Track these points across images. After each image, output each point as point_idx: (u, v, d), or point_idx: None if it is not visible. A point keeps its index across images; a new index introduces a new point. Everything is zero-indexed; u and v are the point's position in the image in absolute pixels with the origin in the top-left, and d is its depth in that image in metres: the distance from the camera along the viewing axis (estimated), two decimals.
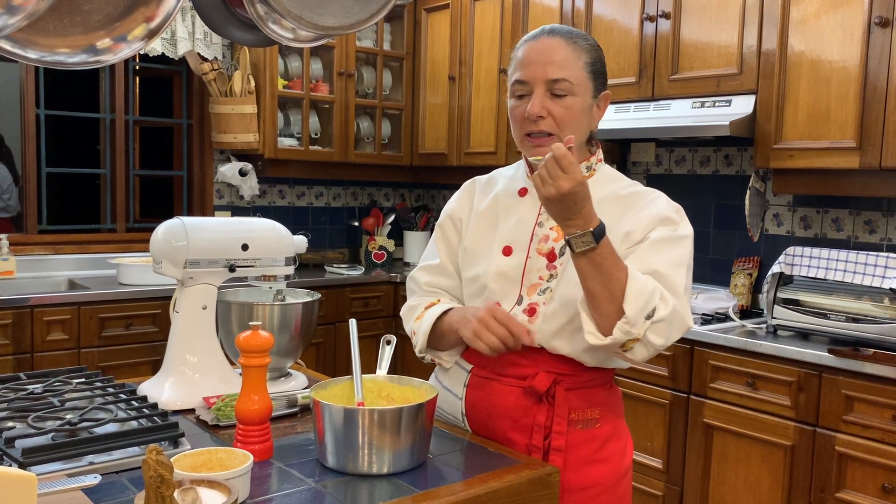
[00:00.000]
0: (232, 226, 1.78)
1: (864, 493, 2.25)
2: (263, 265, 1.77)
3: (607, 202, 1.46)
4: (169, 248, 1.65)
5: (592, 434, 1.46)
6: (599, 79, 1.48)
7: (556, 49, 1.43)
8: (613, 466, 1.47)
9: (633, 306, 1.29)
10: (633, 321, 1.29)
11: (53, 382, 1.61)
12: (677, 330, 1.35)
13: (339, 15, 1.35)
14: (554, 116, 1.42)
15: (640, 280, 1.31)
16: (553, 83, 1.42)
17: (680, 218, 1.45)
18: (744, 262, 3.11)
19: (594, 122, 1.50)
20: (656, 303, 1.31)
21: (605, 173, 1.54)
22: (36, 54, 1.17)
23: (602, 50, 1.52)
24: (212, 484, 1.05)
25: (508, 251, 1.50)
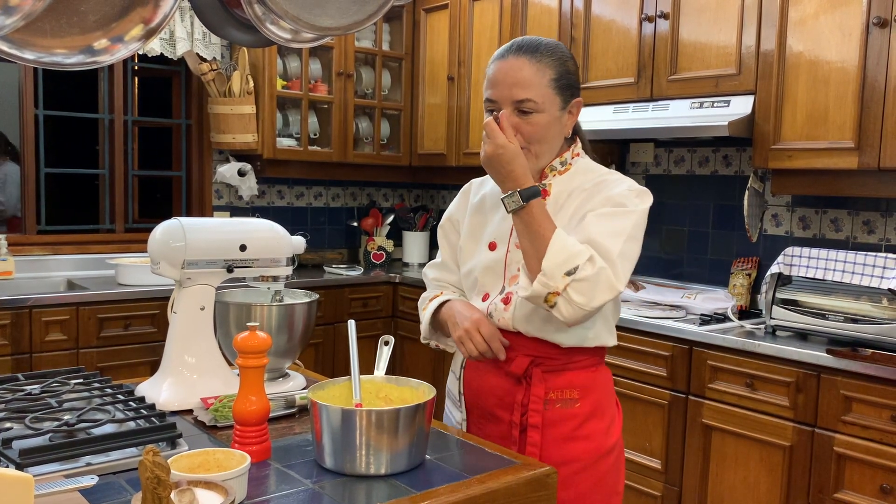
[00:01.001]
0: (230, 226, 1.78)
1: (862, 494, 2.25)
2: (262, 266, 1.77)
3: (577, 192, 1.57)
4: (167, 249, 1.65)
5: (572, 412, 1.55)
6: (567, 90, 1.56)
7: (520, 69, 1.52)
8: (594, 444, 1.56)
9: (550, 261, 1.39)
10: (550, 275, 1.39)
11: (51, 383, 1.61)
12: (602, 291, 1.40)
13: (337, 16, 1.35)
14: (522, 133, 1.53)
15: (565, 240, 1.41)
16: (519, 103, 1.52)
17: (635, 196, 1.52)
18: (742, 263, 3.11)
19: (566, 128, 1.59)
20: (580, 262, 1.39)
21: (581, 166, 1.63)
22: (33, 55, 1.17)
23: (573, 59, 1.60)
24: (209, 485, 1.05)
25: (493, 246, 1.63)
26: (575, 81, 1.58)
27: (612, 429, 1.61)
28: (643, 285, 3.24)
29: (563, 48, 1.59)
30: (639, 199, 1.51)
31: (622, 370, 2.85)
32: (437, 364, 3.72)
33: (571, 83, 1.57)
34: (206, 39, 3.77)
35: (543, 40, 1.58)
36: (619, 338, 2.86)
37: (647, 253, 3.52)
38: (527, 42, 1.56)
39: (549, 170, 1.61)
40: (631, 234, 1.47)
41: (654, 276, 3.48)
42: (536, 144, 1.54)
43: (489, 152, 1.46)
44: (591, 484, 1.55)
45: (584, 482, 1.54)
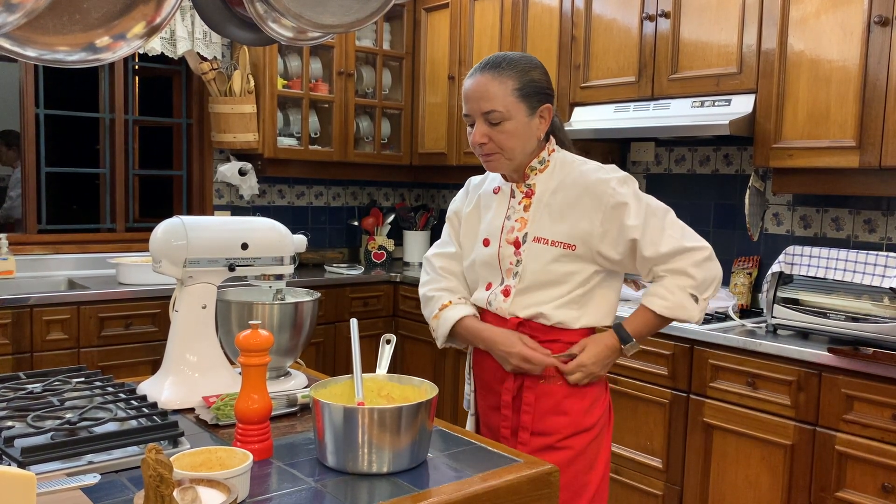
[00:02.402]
0: (231, 225, 1.78)
1: (863, 493, 2.25)
2: (263, 264, 1.76)
3: (562, 189, 1.72)
4: (168, 248, 1.65)
5: (552, 388, 1.71)
6: (534, 97, 1.70)
7: (485, 84, 1.68)
8: (572, 420, 1.71)
9: (694, 316, 1.71)
10: (701, 311, 1.71)
11: (53, 382, 1.61)
12: (709, 269, 1.69)
13: (339, 13, 1.35)
14: (494, 141, 1.70)
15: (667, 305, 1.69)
16: (487, 114, 1.68)
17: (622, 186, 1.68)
18: (743, 262, 3.11)
19: (539, 132, 1.73)
20: (687, 289, 1.68)
21: (559, 160, 1.77)
22: (35, 52, 1.17)
23: (539, 68, 1.73)
24: (211, 483, 1.05)
25: (487, 242, 1.79)
26: (543, 89, 1.71)
27: (594, 410, 1.75)
28: (644, 284, 3.24)
29: (528, 61, 1.72)
30: (626, 186, 1.69)
31: (623, 369, 2.85)
32: (439, 363, 3.72)
33: (537, 91, 1.70)
34: (206, 39, 3.77)
35: (510, 55, 1.72)
36: None
37: None
38: (492, 59, 1.71)
39: (530, 170, 1.76)
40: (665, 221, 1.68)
41: None
42: (509, 150, 1.70)
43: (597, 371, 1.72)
44: (565, 458, 1.69)
45: (559, 454, 1.69)
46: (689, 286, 1.67)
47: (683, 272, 1.67)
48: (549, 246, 1.70)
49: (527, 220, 1.74)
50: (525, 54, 1.75)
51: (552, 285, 1.70)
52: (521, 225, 1.74)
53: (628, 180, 1.70)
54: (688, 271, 1.66)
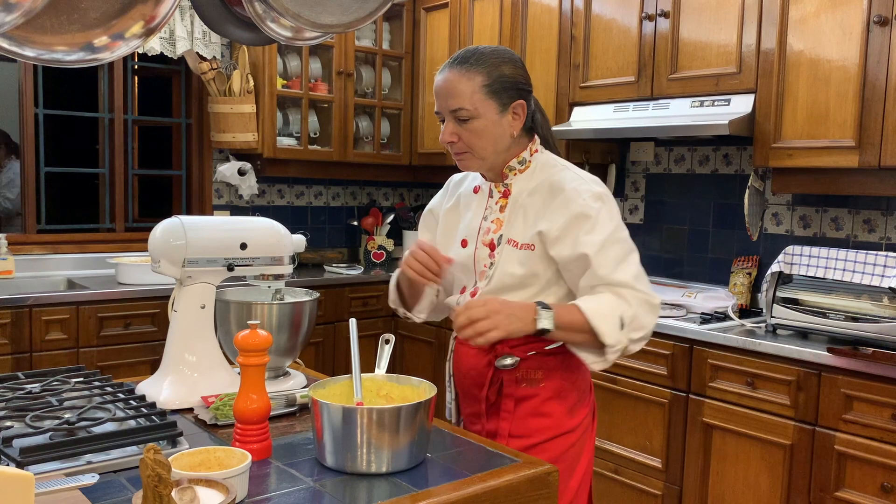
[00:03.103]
0: (230, 225, 1.78)
1: (863, 493, 2.25)
2: (262, 264, 1.76)
3: (539, 191, 1.65)
4: (167, 247, 1.65)
5: (535, 391, 1.65)
6: (505, 93, 1.62)
7: (452, 81, 1.62)
8: (553, 422, 1.65)
9: (608, 335, 1.51)
10: (615, 341, 1.52)
11: (51, 382, 1.61)
12: (649, 314, 1.57)
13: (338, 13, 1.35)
14: (463, 139, 1.63)
15: (598, 312, 1.52)
16: (455, 112, 1.62)
17: (596, 201, 1.59)
18: (743, 262, 3.11)
19: (512, 129, 1.65)
20: (619, 312, 1.53)
21: (540, 162, 1.70)
22: (33, 52, 1.17)
23: (511, 62, 1.64)
24: (210, 483, 1.05)
25: (465, 243, 1.73)
26: (516, 84, 1.63)
27: (576, 412, 1.69)
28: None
29: (499, 55, 1.64)
30: (601, 202, 1.59)
31: (623, 369, 2.85)
32: (438, 363, 3.72)
33: (509, 86, 1.62)
34: (206, 38, 3.77)
35: (480, 49, 1.64)
36: None
37: (647, 252, 3.52)
38: (461, 54, 1.65)
39: (509, 169, 1.69)
40: (624, 251, 1.58)
41: (654, 274, 3.48)
42: (479, 148, 1.64)
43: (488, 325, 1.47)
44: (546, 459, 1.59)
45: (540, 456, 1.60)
46: (625, 314, 1.53)
47: (625, 299, 1.54)
48: (517, 249, 1.64)
49: (502, 222, 1.68)
50: (498, 48, 1.66)
51: (516, 289, 1.64)
52: (496, 226, 1.68)
53: (605, 197, 1.61)
54: (630, 301, 1.54)
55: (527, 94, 1.66)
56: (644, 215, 3.54)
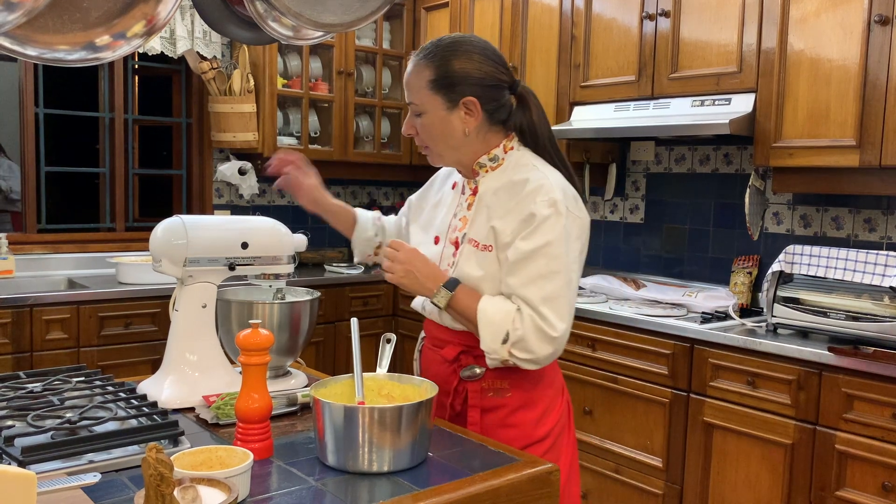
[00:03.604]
0: (232, 224, 1.78)
1: (864, 492, 2.25)
2: (263, 263, 1.76)
3: (504, 190, 1.59)
4: (169, 247, 1.64)
5: (503, 401, 1.61)
6: (452, 89, 1.56)
7: (410, 74, 1.62)
8: (522, 432, 1.60)
9: (485, 340, 1.51)
10: (492, 350, 1.51)
11: (53, 381, 1.61)
12: (540, 342, 1.49)
13: (339, 12, 1.35)
14: (418, 132, 1.64)
15: (487, 313, 1.51)
16: (410, 105, 1.63)
17: (548, 215, 1.51)
18: (744, 261, 3.11)
19: (465, 125, 1.59)
20: (508, 327, 1.49)
21: (513, 160, 1.63)
22: (35, 51, 1.17)
23: (465, 56, 1.56)
24: (212, 482, 1.05)
25: (437, 240, 1.71)
26: (467, 80, 1.56)
27: (545, 420, 1.63)
28: (644, 283, 3.24)
29: (457, 47, 1.57)
30: (553, 209, 1.50)
31: (623, 368, 2.85)
32: None
33: (458, 82, 1.56)
34: (206, 38, 3.77)
35: (444, 40, 1.60)
36: (621, 336, 2.88)
37: (648, 251, 3.52)
38: (426, 45, 1.61)
39: (479, 166, 1.64)
40: (551, 271, 1.49)
41: (655, 274, 3.48)
42: (431, 144, 1.63)
43: (401, 272, 1.57)
44: None
45: None
46: (513, 332, 1.48)
47: (521, 318, 1.49)
48: (477, 249, 1.58)
49: (468, 220, 1.62)
50: (462, 38, 1.59)
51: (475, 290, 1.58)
52: (462, 224, 1.64)
53: (559, 205, 1.51)
54: (524, 322, 1.48)
55: (486, 90, 1.57)
56: (644, 215, 3.54)
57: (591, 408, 2.98)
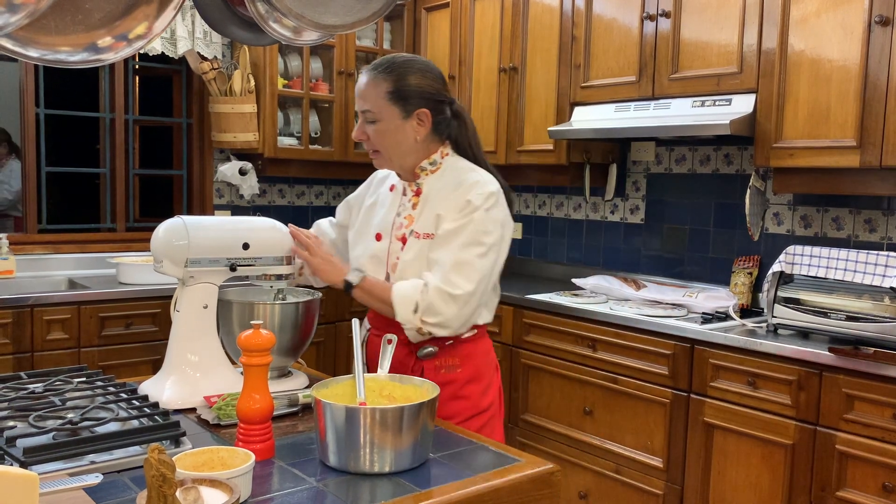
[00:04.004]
0: (233, 224, 1.78)
1: (864, 492, 2.25)
2: (264, 264, 1.77)
3: (445, 190, 1.78)
4: (170, 247, 1.65)
5: (454, 376, 1.80)
6: (408, 100, 1.76)
7: (364, 85, 1.78)
8: (471, 403, 1.81)
9: (400, 313, 1.70)
10: (407, 320, 1.70)
11: (54, 382, 1.61)
12: (445, 304, 1.69)
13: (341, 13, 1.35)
14: (371, 138, 1.80)
15: (399, 290, 1.70)
16: (364, 113, 1.78)
17: (481, 204, 1.72)
18: (744, 261, 3.11)
19: (416, 134, 1.78)
20: (417, 297, 1.69)
21: (450, 164, 1.84)
22: (37, 53, 1.17)
23: (420, 73, 1.77)
24: (214, 483, 1.05)
25: (379, 237, 1.86)
26: (422, 94, 1.76)
27: (489, 392, 1.86)
28: (645, 284, 3.24)
29: (412, 65, 1.78)
30: (487, 201, 1.72)
31: (624, 368, 2.85)
32: None
33: (413, 95, 1.76)
34: (207, 38, 3.77)
35: (398, 58, 1.79)
36: (621, 336, 2.88)
37: (648, 251, 3.52)
38: (379, 61, 1.80)
39: (420, 170, 1.83)
40: (468, 241, 1.70)
41: (655, 274, 3.48)
42: (384, 149, 1.80)
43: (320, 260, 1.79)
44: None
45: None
46: (421, 301, 1.68)
47: (426, 287, 1.69)
48: (421, 239, 1.77)
49: (413, 218, 1.80)
50: (415, 58, 1.82)
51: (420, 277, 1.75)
52: (408, 222, 1.81)
53: (491, 198, 1.73)
54: (429, 290, 1.68)
55: (435, 104, 1.79)
56: (645, 215, 3.54)
57: (591, 408, 2.98)
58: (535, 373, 3.21)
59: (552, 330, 3.12)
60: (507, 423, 3.33)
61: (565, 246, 3.93)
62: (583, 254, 3.84)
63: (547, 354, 3.15)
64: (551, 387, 3.14)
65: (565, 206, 3.92)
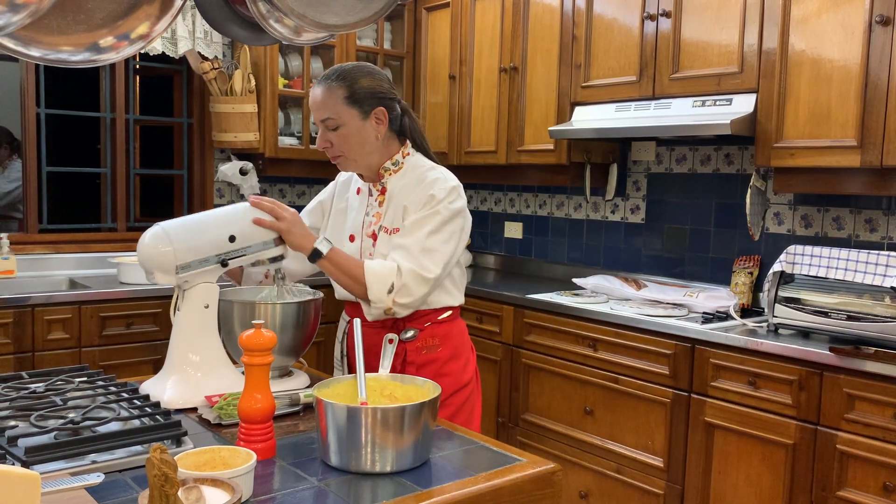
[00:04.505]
0: (214, 220, 1.72)
1: (865, 492, 2.25)
2: (255, 251, 1.72)
3: (409, 187, 1.90)
4: (156, 257, 1.61)
5: (435, 356, 1.93)
6: (365, 102, 1.86)
7: (319, 95, 1.87)
8: (453, 379, 1.94)
9: (373, 291, 1.77)
10: (379, 300, 1.78)
11: (55, 381, 1.61)
12: (419, 286, 1.79)
13: (343, 13, 1.35)
14: (334, 144, 1.88)
15: (373, 269, 1.78)
16: (324, 122, 1.87)
17: (444, 197, 1.85)
18: (745, 261, 3.11)
19: (377, 132, 1.89)
20: (393, 279, 1.77)
21: (411, 164, 1.95)
22: (39, 52, 1.17)
23: (371, 76, 1.89)
24: (215, 482, 1.05)
25: (353, 238, 1.98)
26: (375, 94, 1.87)
27: (468, 368, 2.00)
28: (645, 283, 3.24)
29: (360, 69, 1.89)
30: (447, 197, 1.85)
31: (625, 368, 2.85)
32: None
33: (368, 96, 1.86)
34: (207, 38, 3.77)
35: (345, 66, 1.89)
36: (622, 336, 2.89)
37: (649, 251, 3.52)
38: (328, 72, 1.89)
39: (384, 170, 1.94)
40: (434, 229, 1.82)
41: (655, 274, 3.48)
42: (349, 151, 1.88)
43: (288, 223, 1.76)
44: (447, 414, 1.92)
45: (445, 410, 1.91)
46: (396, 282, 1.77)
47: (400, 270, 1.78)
48: (389, 234, 1.89)
49: (381, 215, 1.92)
50: (361, 64, 1.92)
51: None
52: (376, 220, 1.93)
53: (452, 192, 1.86)
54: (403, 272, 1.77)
55: (388, 102, 1.90)
56: (645, 215, 3.54)
57: (592, 408, 2.98)
58: (535, 372, 3.21)
59: (553, 330, 3.12)
60: (507, 423, 3.33)
61: (566, 246, 3.93)
62: (583, 253, 3.84)
63: (547, 354, 3.15)
64: (552, 386, 3.14)
65: (566, 205, 3.92)
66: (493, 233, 4.34)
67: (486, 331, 3.42)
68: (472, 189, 4.41)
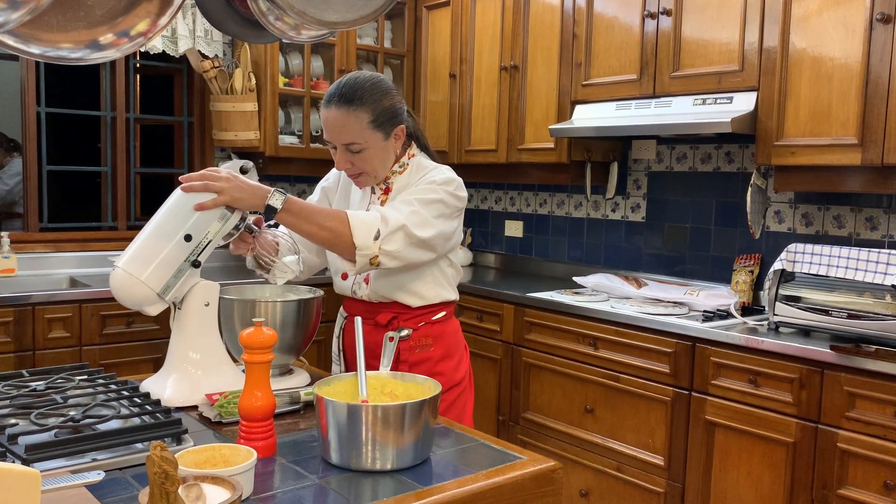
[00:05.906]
0: (161, 230, 1.63)
1: (866, 490, 2.25)
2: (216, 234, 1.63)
3: (412, 185, 1.89)
4: (135, 296, 1.59)
5: (428, 355, 1.93)
6: (387, 123, 1.84)
7: (339, 119, 1.80)
8: (446, 378, 1.92)
9: (360, 237, 1.70)
10: (365, 246, 1.70)
11: (56, 379, 1.61)
12: (405, 238, 1.74)
13: (343, 10, 1.35)
14: (355, 165, 1.85)
15: (361, 215, 1.73)
16: (347, 146, 1.82)
17: (442, 183, 1.84)
18: (745, 259, 3.11)
19: (395, 149, 1.89)
20: (378, 226, 1.72)
21: (416, 164, 1.95)
22: (39, 49, 1.17)
23: (390, 93, 1.84)
24: (216, 480, 1.05)
25: None
26: (396, 113, 1.85)
27: (460, 367, 2.00)
28: (646, 282, 3.24)
29: (379, 88, 1.83)
30: (445, 185, 1.84)
31: (625, 367, 2.85)
32: None
33: (391, 116, 1.84)
34: (208, 37, 3.77)
35: (361, 83, 1.81)
36: (622, 334, 2.88)
37: (649, 250, 3.52)
38: (346, 91, 1.80)
39: (391, 172, 1.94)
40: (427, 202, 1.79)
41: (656, 272, 3.48)
42: (371, 170, 1.86)
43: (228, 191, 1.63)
44: (442, 409, 1.90)
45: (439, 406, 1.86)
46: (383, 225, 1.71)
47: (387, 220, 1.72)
48: None
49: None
50: (375, 79, 1.84)
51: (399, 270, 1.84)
52: None
53: (450, 183, 1.84)
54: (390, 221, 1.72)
55: (404, 117, 1.89)
56: (646, 213, 3.54)
57: (592, 406, 2.98)
58: (536, 371, 3.21)
59: (553, 328, 3.12)
60: (508, 422, 3.33)
61: (566, 244, 3.93)
62: (584, 252, 3.84)
63: (548, 353, 3.15)
64: (552, 385, 3.14)
65: (566, 204, 3.92)
66: (493, 231, 4.34)
67: (487, 329, 3.42)
68: (473, 188, 4.41)
